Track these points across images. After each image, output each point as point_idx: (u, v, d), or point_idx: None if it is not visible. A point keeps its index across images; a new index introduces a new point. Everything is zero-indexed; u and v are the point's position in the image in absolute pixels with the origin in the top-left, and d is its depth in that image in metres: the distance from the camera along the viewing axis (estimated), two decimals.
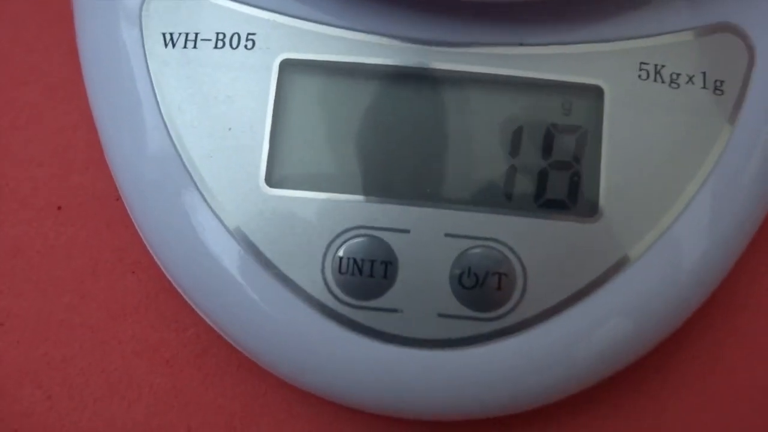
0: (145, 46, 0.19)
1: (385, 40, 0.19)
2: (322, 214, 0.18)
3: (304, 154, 0.19)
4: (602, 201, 0.18)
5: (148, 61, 0.19)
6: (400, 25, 0.19)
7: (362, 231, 0.18)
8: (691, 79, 0.19)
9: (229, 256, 0.19)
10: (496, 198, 0.19)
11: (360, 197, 0.18)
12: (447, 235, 0.18)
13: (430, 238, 0.18)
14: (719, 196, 0.19)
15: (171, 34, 0.19)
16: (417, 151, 0.19)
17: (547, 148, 0.19)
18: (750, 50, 0.19)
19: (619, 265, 0.18)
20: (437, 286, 0.18)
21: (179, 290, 0.20)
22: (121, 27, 0.20)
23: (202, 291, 0.19)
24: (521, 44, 0.19)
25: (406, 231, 0.18)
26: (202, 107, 0.19)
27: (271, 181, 0.19)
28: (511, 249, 0.18)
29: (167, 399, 0.21)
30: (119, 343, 0.21)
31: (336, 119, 0.19)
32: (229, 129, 0.19)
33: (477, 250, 0.18)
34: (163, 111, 0.19)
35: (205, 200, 0.19)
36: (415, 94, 0.19)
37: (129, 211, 0.20)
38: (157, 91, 0.19)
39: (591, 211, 0.18)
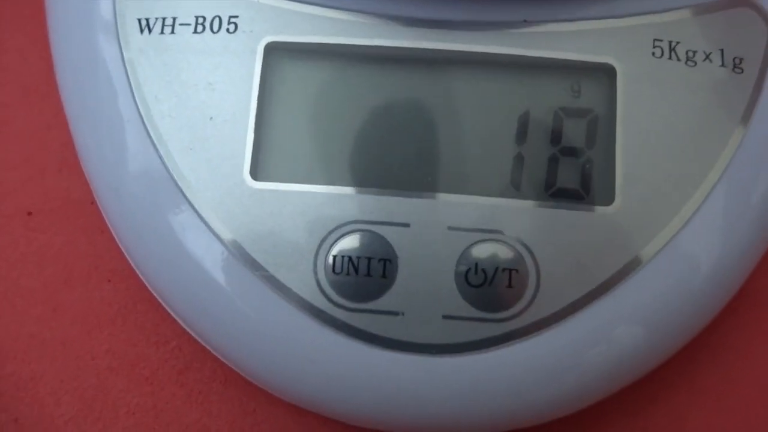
0: (119, 33, 0.18)
1: (377, 20, 0.18)
2: (312, 209, 0.17)
3: (292, 144, 0.17)
4: (618, 189, 0.17)
5: (123, 49, 0.18)
6: (394, 3, 0.18)
7: (357, 226, 0.17)
8: (708, 56, 0.18)
9: (212, 257, 0.17)
10: (503, 188, 0.17)
11: (354, 189, 0.17)
12: (451, 228, 0.17)
13: (433, 232, 0.17)
14: (743, 182, 0.18)
15: (147, 20, 0.18)
16: (415, 139, 0.17)
17: (556, 134, 0.18)
18: None
19: (638, 259, 0.17)
20: (441, 285, 0.17)
21: (159, 299, 0.18)
22: (94, 14, 0.18)
23: (183, 298, 0.18)
24: (525, 21, 0.18)
25: (406, 225, 0.17)
26: (180, 96, 0.18)
27: (256, 174, 0.17)
28: (521, 242, 0.17)
29: (147, 419, 0.19)
30: (94, 359, 0.20)
31: (326, 106, 0.18)
32: (210, 119, 0.17)
33: (484, 244, 0.17)
34: (138, 102, 0.18)
35: (185, 197, 0.17)
36: (411, 77, 0.18)
37: (104, 214, 0.19)
38: (132, 81, 0.18)
39: (607, 200, 0.17)
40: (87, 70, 0.18)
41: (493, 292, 0.17)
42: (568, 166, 0.17)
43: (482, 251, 0.17)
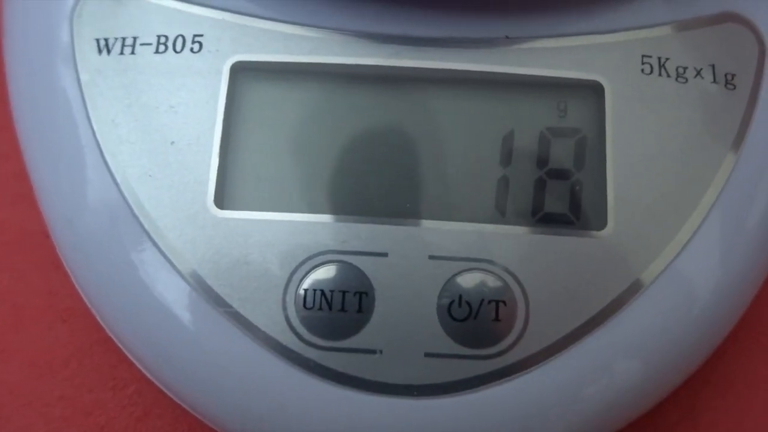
0: (76, 54, 0.17)
1: (350, 38, 0.17)
2: (281, 239, 0.16)
3: (260, 169, 0.17)
4: (611, 213, 0.16)
5: (79, 71, 0.17)
6: (367, 20, 0.17)
7: (330, 257, 0.16)
8: (699, 72, 0.17)
9: (172, 293, 0.16)
10: (488, 213, 0.16)
11: (327, 217, 0.16)
12: (432, 257, 0.16)
13: (412, 262, 0.16)
14: (742, 201, 0.17)
15: (106, 40, 0.17)
16: (393, 163, 0.17)
17: (542, 155, 0.17)
18: (760, 42, 0.18)
19: (635, 287, 0.16)
20: (423, 320, 0.16)
21: (116, 340, 0.17)
22: (50, 35, 0.17)
23: (141, 339, 0.17)
24: (507, 38, 0.17)
25: (384, 255, 0.16)
26: (140, 120, 0.17)
27: (221, 202, 0.16)
28: (508, 271, 0.16)
29: None
30: (45, 406, 0.19)
31: (296, 128, 0.17)
32: (172, 143, 0.16)
33: (468, 274, 0.16)
34: (95, 126, 0.17)
35: (143, 228, 0.16)
36: (387, 97, 0.17)
37: (57, 248, 0.18)
38: (88, 104, 0.17)
39: (599, 224, 0.16)
40: (41, 93, 0.18)
41: (478, 326, 0.16)
42: (557, 189, 0.17)
43: (466, 282, 0.16)
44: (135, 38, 0.17)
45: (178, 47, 0.17)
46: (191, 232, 0.16)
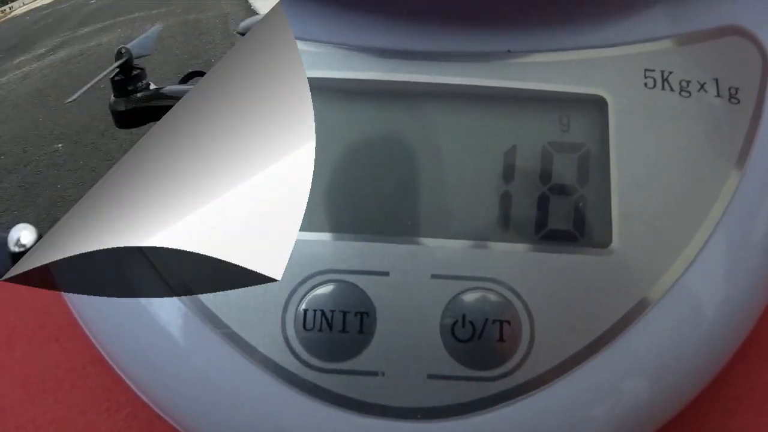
0: None
1: (349, 52, 0.17)
2: None
3: None
4: (615, 229, 0.16)
5: None
6: (366, 34, 0.17)
7: (331, 276, 0.16)
8: (702, 86, 0.17)
9: (168, 313, 0.16)
10: (491, 230, 0.16)
11: (327, 235, 0.16)
12: (434, 276, 0.16)
13: (414, 281, 0.15)
14: (748, 217, 0.17)
15: None
16: (394, 179, 0.16)
17: (545, 171, 0.16)
18: (763, 55, 0.17)
19: (642, 305, 0.16)
20: (425, 341, 0.15)
21: (109, 361, 0.17)
22: None
23: (136, 360, 0.16)
24: (509, 52, 0.17)
25: (385, 273, 0.16)
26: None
27: None
28: (512, 290, 0.15)
29: None
30: (37, 430, 0.18)
31: None
32: None
33: (472, 294, 0.15)
34: None
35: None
36: (388, 112, 0.17)
37: None
38: None
39: (603, 241, 0.16)
40: None
41: (482, 347, 0.15)
42: (560, 206, 0.16)
43: (470, 301, 0.15)
44: None
45: None
46: None
